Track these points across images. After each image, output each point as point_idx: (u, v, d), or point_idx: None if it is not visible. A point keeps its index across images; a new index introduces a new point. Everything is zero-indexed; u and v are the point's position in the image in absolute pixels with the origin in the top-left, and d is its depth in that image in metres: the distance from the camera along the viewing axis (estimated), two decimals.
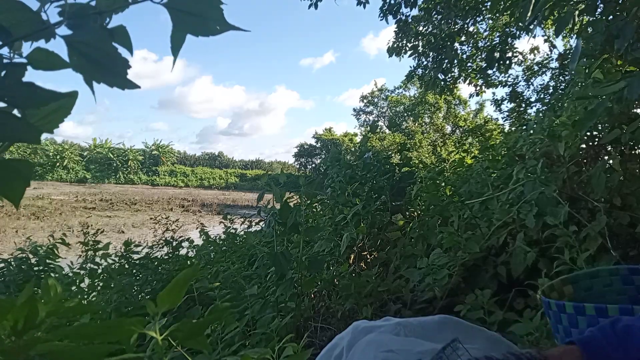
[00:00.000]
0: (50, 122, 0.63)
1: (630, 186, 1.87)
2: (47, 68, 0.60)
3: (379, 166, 2.93)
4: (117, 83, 0.62)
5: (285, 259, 1.97)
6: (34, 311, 0.53)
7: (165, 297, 0.60)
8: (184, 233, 5.06)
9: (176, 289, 0.61)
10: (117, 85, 0.63)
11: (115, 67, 0.61)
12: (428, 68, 7.69)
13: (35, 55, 0.59)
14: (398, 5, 7.07)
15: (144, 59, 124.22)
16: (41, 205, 22.29)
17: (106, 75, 0.61)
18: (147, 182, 41.95)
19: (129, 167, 41.61)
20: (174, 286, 0.61)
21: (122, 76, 0.62)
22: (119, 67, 0.62)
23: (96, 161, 41.49)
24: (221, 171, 46.14)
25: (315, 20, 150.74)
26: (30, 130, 0.59)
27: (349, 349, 0.94)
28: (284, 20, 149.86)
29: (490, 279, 1.95)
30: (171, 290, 0.61)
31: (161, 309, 0.60)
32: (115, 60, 0.61)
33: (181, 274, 0.64)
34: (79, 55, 0.59)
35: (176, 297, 0.61)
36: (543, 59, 9.29)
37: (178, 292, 0.61)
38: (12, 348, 0.52)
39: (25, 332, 0.53)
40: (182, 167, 45.39)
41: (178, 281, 0.62)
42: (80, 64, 0.60)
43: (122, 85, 0.63)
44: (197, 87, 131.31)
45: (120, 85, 0.63)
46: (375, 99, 30.16)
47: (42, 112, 0.62)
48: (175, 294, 0.61)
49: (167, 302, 0.60)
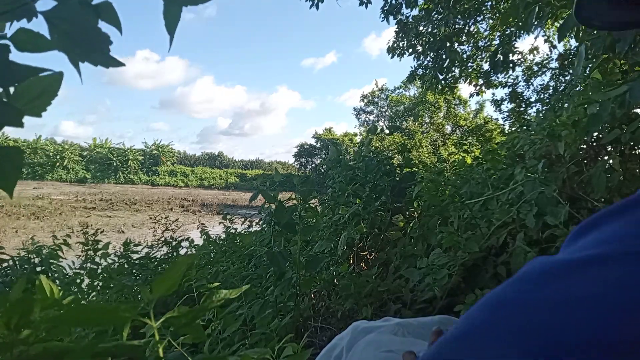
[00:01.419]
0: (36, 106, 0.61)
1: (630, 186, 1.86)
2: (32, 49, 0.58)
3: (379, 167, 2.93)
4: (101, 61, 0.60)
5: (283, 258, 1.96)
6: (28, 307, 0.52)
7: (161, 283, 0.58)
8: (183, 233, 5.06)
9: (172, 276, 0.59)
10: (100, 64, 0.61)
11: (97, 44, 0.59)
12: (428, 68, 7.69)
13: (19, 37, 0.57)
14: (399, 5, 7.07)
15: (146, 59, 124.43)
16: (41, 205, 22.28)
17: (88, 53, 0.59)
18: (147, 182, 41.95)
19: (128, 167, 41.61)
20: (170, 272, 0.59)
21: (105, 53, 0.60)
22: (101, 44, 0.59)
23: (96, 161, 41.49)
24: (221, 171, 46.15)
25: (318, 20, 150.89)
26: (12, 113, 0.57)
27: (349, 349, 0.94)
28: (287, 21, 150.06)
29: (490, 279, 1.94)
30: (167, 277, 0.59)
31: (156, 295, 0.58)
32: (96, 37, 0.59)
33: (177, 260, 0.62)
34: (60, 33, 0.57)
35: (172, 284, 0.60)
36: (543, 59, 9.29)
37: (174, 278, 0.60)
38: (5, 343, 0.52)
39: (19, 327, 0.53)
40: (182, 167, 45.40)
41: (174, 268, 0.60)
42: (63, 43, 0.58)
43: (105, 62, 0.61)
44: (199, 87, 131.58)
45: (103, 63, 0.61)
46: (376, 99, 30.19)
47: (28, 96, 0.60)
48: (171, 281, 0.59)
49: (163, 289, 0.59)
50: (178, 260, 0.61)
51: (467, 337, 0.35)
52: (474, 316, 0.36)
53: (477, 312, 0.36)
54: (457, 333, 0.36)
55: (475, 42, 7.88)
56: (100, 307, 0.55)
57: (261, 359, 1.23)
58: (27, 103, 0.60)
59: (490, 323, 0.34)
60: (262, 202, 2.28)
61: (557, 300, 0.31)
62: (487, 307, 0.35)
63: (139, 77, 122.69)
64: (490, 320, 0.34)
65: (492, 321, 0.34)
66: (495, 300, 0.35)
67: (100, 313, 0.55)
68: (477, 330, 0.34)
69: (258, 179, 2.56)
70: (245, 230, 4.74)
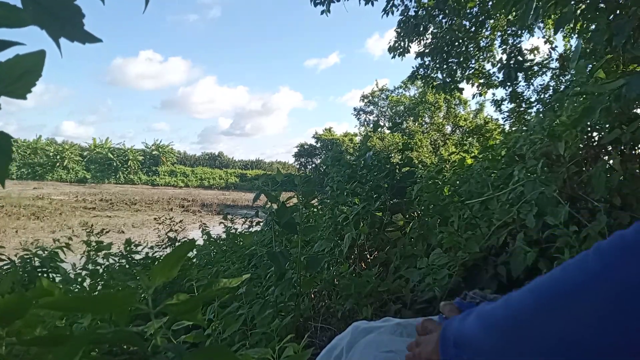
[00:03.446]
0: (20, 87, 0.57)
1: (630, 186, 1.86)
2: (11, 25, 0.55)
3: (379, 166, 2.92)
4: (77, 36, 0.58)
5: (284, 258, 1.96)
6: (22, 302, 0.52)
7: (159, 270, 0.58)
8: (184, 233, 5.07)
9: (171, 263, 0.59)
10: (77, 39, 0.58)
11: (70, 16, 0.57)
12: (430, 68, 7.69)
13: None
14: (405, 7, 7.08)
15: (149, 59, 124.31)
16: (41, 205, 22.29)
17: (63, 27, 0.56)
18: (147, 182, 41.95)
19: (129, 167, 41.61)
20: (169, 260, 0.59)
21: (79, 27, 0.57)
22: (73, 17, 0.57)
23: (96, 161, 41.50)
24: (221, 171, 46.15)
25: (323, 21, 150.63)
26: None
27: (349, 349, 0.94)
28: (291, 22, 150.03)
29: (490, 279, 1.94)
30: (165, 264, 0.58)
31: (155, 283, 0.58)
32: (69, 10, 0.56)
33: (176, 248, 0.62)
34: (33, 4, 0.54)
35: (170, 271, 0.59)
36: (543, 59, 9.28)
37: (172, 266, 0.59)
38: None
39: (11, 321, 0.52)
40: (182, 167, 45.40)
41: (173, 254, 0.59)
42: (38, 16, 0.55)
43: (81, 38, 0.58)
44: (201, 88, 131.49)
45: (79, 39, 0.58)
46: (376, 99, 30.18)
47: (10, 78, 0.56)
48: (169, 268, 0.58)
49: (162, 276, 0.58)
50: (177, 247, 0.60)
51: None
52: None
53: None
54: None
55: (477, 42, 7.88)
56: (100, 297, 0.54)
57: (262, 359, 1.24)
58: (8, 85, 0.57)
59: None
60: (262, 202, 2.28)
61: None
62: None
63: (142, 77, 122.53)
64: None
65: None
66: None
67: (100, 300, 0.55)
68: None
69: (260, 179, 2.55)
70: (246, 231, 4.75)
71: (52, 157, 39.54)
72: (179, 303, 0.58)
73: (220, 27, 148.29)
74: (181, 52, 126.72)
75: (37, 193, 27.03)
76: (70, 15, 0.57)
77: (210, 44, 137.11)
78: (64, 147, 40.86)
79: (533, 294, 0.53)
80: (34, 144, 40.15)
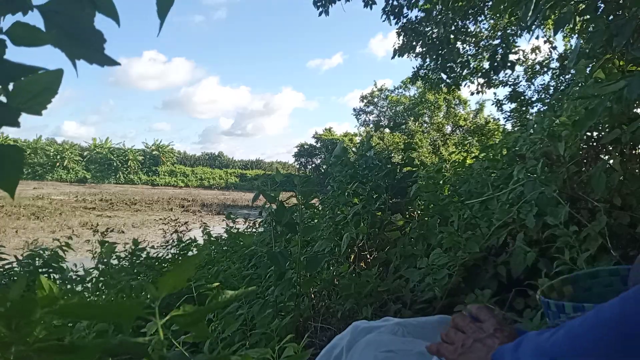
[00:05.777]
0: (36, 104, 0.59)
1: (630, 186, 1.86)
2: (29, 44, 0.56)
3: (380, 165, 2.92)
4: (96, 59, 0.59)
5: (283, 258, 1.97)
6: (29, 305, 0.52)
7: (167, 280, 0.57)
8: (185, 233, 5.09)
9: (180, 273, 0.58)
10: (96, 62, 0.60)
11: (92, 40, 0.58)
12: (430, 68, 7.70)
13: (15, 30, 0.55)
14: (400, 7, 7.08)
15: (152, 60, 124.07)
16: (41, 205, 22.29)
17: (83, 50, 0.58)
18: (147, 182, 41.95)
19: (129, 167, 41.61)
20: (178, 269, 0.58)
21: (100, 51, 0.59)
22: (95, 41, 0.59)
23: (96, 161, 41.50)
24: (221, 171, 46.13)
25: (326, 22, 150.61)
26: (6, 112, 0.56)
27: (349, 349, 0.94)
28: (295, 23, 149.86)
29: (490, 279, 1.95)
30: (175, 274, 0.58)
31: (162, 293, 0.58)
32: (90, 33, 0.58)
33: (186, 257, 0.61)
34: (56, 28, 0.56)
35: (179, 281, 0.58)
36: (544, 59, 9.29)
37: (182, 276, 0.58)
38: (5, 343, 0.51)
39: (20, 327, 0.52)
40: (182, 167, 45.39)
41: (181, 267, 0.59)
42: (59, 38, 0.57)
43: (100, 61, 0.60)
44: (203, 88, 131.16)
45: (98, 61, 0.60)
46: (375, 99, 30.17)
47: (28, 94, 0.58)
48: (178, 278, 0.58)
49: (170, 286, 0.57)
50: (185, 260, 0.60)
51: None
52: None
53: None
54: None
55: (477, 41, 7.88)
56: (106, 305, 0.54)
57: (261, 359, 1.24)
58: (26, 101, 0.59)
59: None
60: (263, 202, 2.28)
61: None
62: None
63: (145, 77, 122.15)
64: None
65: None
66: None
67: (106, 308, 0.54)
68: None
69: (259, 179, 2.56)
70: (246, 230, 4.76)
71: (52, 157, 39.54)
72: (185, 314, 0.58)
73: (225, 28, 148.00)
74: (185, 53, 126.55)
75: (37, 193, 27.04)
76: (92, 39, 0.59)
77: (215, 45, 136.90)
78: (64, 147, 40.88)
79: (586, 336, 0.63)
80: (34, 144, 40.15)
